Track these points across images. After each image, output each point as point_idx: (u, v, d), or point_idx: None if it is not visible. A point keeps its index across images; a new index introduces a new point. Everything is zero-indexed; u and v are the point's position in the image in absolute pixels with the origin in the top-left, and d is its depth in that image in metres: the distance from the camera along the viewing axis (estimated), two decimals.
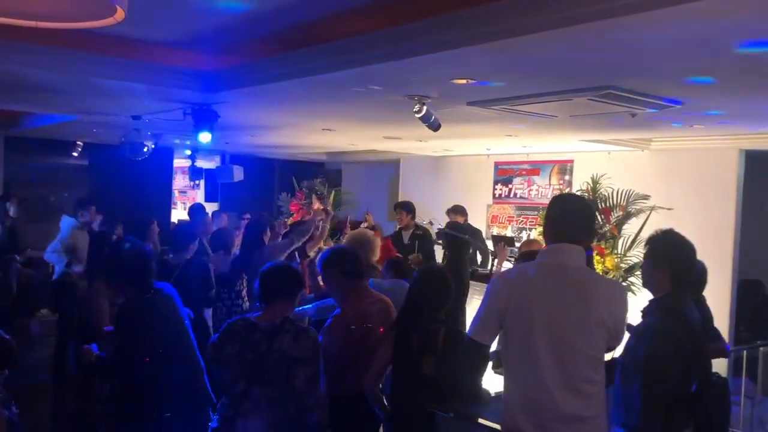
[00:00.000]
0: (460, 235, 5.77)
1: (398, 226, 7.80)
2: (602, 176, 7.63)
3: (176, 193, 13.84)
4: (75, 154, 11.01)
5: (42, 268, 9.16)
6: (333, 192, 11.34)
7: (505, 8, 3.32)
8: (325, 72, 4.38)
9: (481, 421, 3.19)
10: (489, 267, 7.75)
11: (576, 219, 2.75)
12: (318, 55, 4.33)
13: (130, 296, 3.75)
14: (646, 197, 7.34)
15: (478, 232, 8.39)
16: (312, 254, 5.89)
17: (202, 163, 12.46)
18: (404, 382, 3.48)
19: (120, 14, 3.00)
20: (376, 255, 4.85)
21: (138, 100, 5.99)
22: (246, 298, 5.60)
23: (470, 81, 4.50)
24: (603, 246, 7.15)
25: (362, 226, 7.99)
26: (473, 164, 10.33)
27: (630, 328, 2.95)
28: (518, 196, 9.82)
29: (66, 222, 6.92)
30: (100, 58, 4.81)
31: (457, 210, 8.20)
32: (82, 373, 4.57)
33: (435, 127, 5.48)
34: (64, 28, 3.31)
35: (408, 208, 7.75)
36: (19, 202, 9.25)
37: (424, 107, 5.22)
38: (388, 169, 11.76)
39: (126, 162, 8.13)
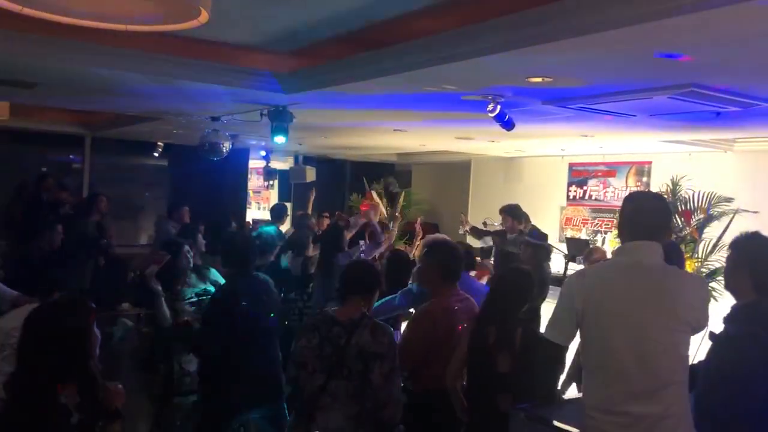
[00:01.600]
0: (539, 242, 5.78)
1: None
2: (682, 178, 7.38)
3: (251, 193, 14.15)
4: (156, 154, 11.41)
5: (123, 263, 9.58)
6: (403, 193, 11.36)
7: (581, 4, 3.26)
8: (400, 72, 4.40)
9: (555, 423, 3.15)
10: None
11: (651, 216, 2.68)
12: (393, 55, 4.36)
13: (230, 278, 4.04)
14: (729, 200, 7.06)
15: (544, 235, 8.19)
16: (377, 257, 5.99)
17: (276, 164, 12.70)
18: (479, 379, 3.49)
19: (204, 16, 3.09)
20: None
21: (218, 101, 6.17)
22: None
23: (546, 79, 4.44)
24: (684, 250, 6.91)
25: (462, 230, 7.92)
26: (546, 165, 10.16)
27: (712, 336, 2.85)
28: (593, 198, 9.60)
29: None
30: (182, 61, 4.97)
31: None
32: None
33: (509, 126, 5.43)
34: (152, 31, 3.46)
35: (512, 212, 7.16)
36: (107, 200, 9.67)
37: (498, 106, 5.18)
38: (458, 170, 11.70)
39: (204, 162, 8.39)
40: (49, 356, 2.38)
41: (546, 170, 10.18)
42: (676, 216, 7.10)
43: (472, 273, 5.10)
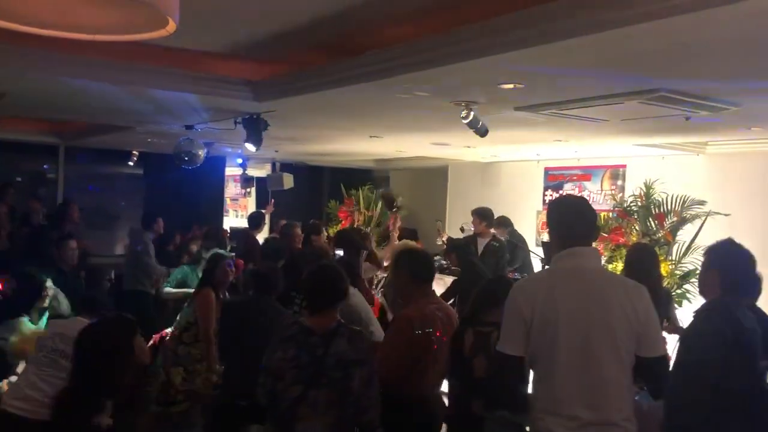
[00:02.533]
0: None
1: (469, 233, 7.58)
2: (656, 181, 7.45)
3: (228, 201, 14.05)
4: (131, 163, 11.30)
5: (100, 273, 9.47)
6: (380, 200, 11.36)
7: (553, 10, 3.28)
8: (371, 79, 4.40)
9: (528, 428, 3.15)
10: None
11: (582, 219, 2.73)
12: (364, 62, 4.36)
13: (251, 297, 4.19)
14: (701, 203, 7.14)
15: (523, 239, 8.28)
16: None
17: (254, 171, 12.63)
18: (458, 384, 3.52)
19: (171, 26, 3.06)
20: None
21: (190, 110, 6.13)
22: None
23: (518, 86, 4.46)
24: (659, 252, 6.98)
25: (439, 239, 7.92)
26: (522, 170, 10.22)
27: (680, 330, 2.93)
28: None
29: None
30: (151, 69, 4.93)
31: (505, 222, 8.04)
32: None
33: (482, 132, 5.45)
34: (118, 40, 3.42)
35: (482, 214, 7.31)
36: (78, 209, 9.55)
37: (472, 113, 5.19)
38: (436, 175, 11.72)
39: (180, 171, 8.32)
40: (101, 374, 2.37)
41: (522, 175, 10.23)
42: (650, 219, 7.16)
43: None
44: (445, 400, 3.84)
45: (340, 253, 5.38)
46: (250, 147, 6.29)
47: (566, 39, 3.32)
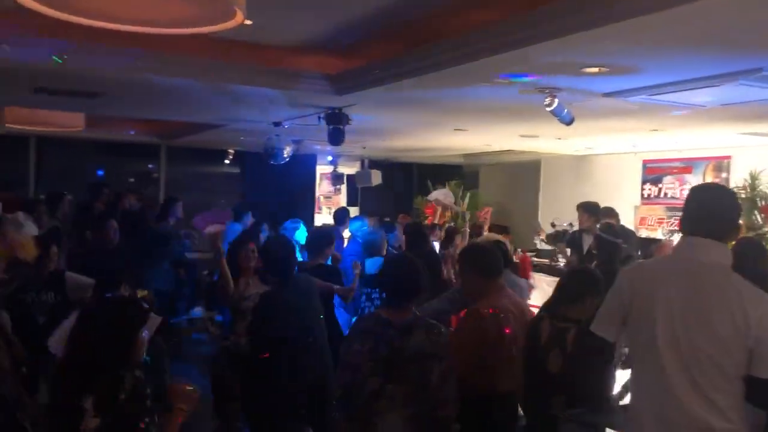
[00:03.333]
0: (613, 238, 5.54)
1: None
2: (762, 171, 6.91)
3: (322, 198, 14.29)
4: (227, 161, 11.70)
5: (195, 269, 9.83)
6: (468, 194, 11.18)
7: None
8: (447, 66, 4.28)
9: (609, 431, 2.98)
10: None
11: (709, 209, 2.47)
12: (438, 49, 4.25)
13: (272, 286, 4.01)
14: None
15: (631, 233, 7.86)
16: None
17: (344, 169, 12.78)
18: (532, 380, 3.39)
19: (239, 17, 3.10)
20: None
21: (274, 105, 6.22)
22: None
23: (602, 69, 4.22)
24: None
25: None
26: (619, 163, 9.77)
27: None
28: (669, 196, 9.15)
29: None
30: (233, 66, 5.03)
31: (610, 212, 7.73)
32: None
33: (568, 121, 5.22)
34: (191, 33, 3.49)
35: (590, 209, 7.04)
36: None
37: (556, 100, 4.98)
38: (528, 170, 11.43)
39: (274, 169, 8.53)
40: (94, 349, 2.41)
41: (618, 168, 9.79)
42: (756, 212, 6.65)
43: None
44: None
45: None
46: (337, 140, 6.33)
47: (653, 13, 3.08)
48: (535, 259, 7.86)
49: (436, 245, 7.33)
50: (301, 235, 7.19)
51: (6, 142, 10.16)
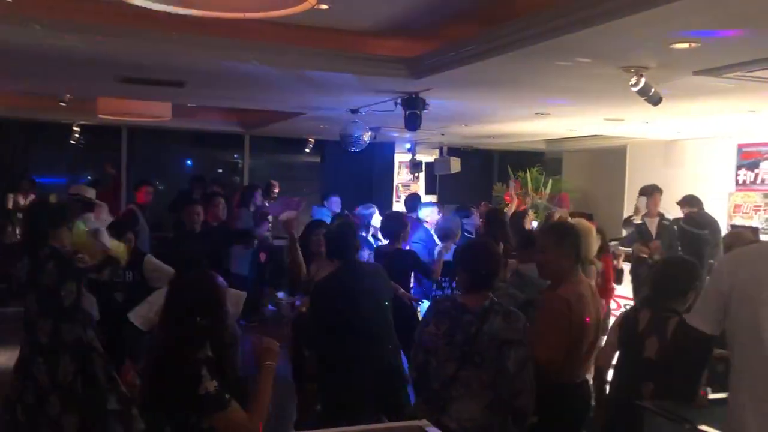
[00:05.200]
0: (697, 230, 5.28)
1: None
2: None
3: (400, 186, 14.29)
4: (307, 150, 11.87)
5: (280, 254, 10.04)
6: (550, 181, 10.89)
7: None
8: (527, 45, 4.14)
9: (701, 427, 2.80)
10: None
11: None
12: (518, 27, 4.11)
13: (336, 269, 4.02)
14: None
15: (713, 221, 7.48)
16: None
17: (423, 157, 12.71)
18: (626, 367, 3.34)
19: (311, 1, 3.11)
20: (592, 250, 4.48)
21: (351, 91, 6.22)
22: None
23: (693, 44, 3.97)
24: None
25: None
26: (711, 148, 9.28)
27: None
28: (766, 182, 8.62)
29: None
30: (312, 51, 5.05)
31: (692, 201, 7.40)
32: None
33: (655, 101, 4.96)
34: (263, 18, 3.53)
35: (645, 191, 7.23)
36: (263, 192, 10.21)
37: (642, 80, 4.73)
38: (613, 156, 11.02)
39: (353, 157, 8.59)
40: (186, 324, 2.52)
41: (711, 153, 9.29)
42: None
43: None
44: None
45: None
46: (414, 125, 6.28)
47: None
48: (621, 247, 7.58)
49: None
50: (377, 219, 7.22)
51: (100, 133, 10.64)
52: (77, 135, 10.04)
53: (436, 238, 6.31)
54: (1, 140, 10.25)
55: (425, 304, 5.55)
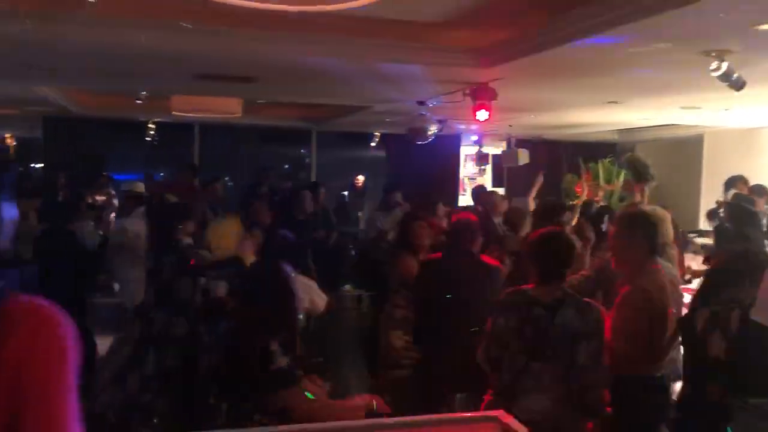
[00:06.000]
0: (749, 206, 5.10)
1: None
2: None
3: (466, 180, 14.19)
4: (373, 144, 11.92)
5: (346, 248, 10.15)
6: (623, 172, 10.57)
7: None
8: (601, 30, 4.02)
9: None
10: None
11: None
12: (588, 13, 3.99)
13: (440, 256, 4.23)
14: None
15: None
16: None
17: (489, 149, 12.58)
18: (691, 365, 3.21)
19: None
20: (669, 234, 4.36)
21: (419, 83, 6.21)
22: None
23: None
24: None
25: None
26: None
27: None
28: None
29: None
30: (381, 44, 5.05)
31: (761, 191, 7.05)
32: None
33: (738, 86, 4.75)
34: (320, 11, 3.55)
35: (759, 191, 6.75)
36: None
37: (724, 64, 4.53)
38: (689, 146, 10.63)
39: (418, 150, 8.57)
40: (258, 309, 2.68)
41: None
42: None
43: None
44: None
45: None
46: (482, 115, 6.22)
47: None
48: (698, 239, 7.31)
49: None
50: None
51: (173, 130, 10.97)
52: (152, 132, 10.38)
53: None
54: (80, 138, 10.68)
55: None
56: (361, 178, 11.06)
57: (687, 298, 3.49)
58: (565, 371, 2.93)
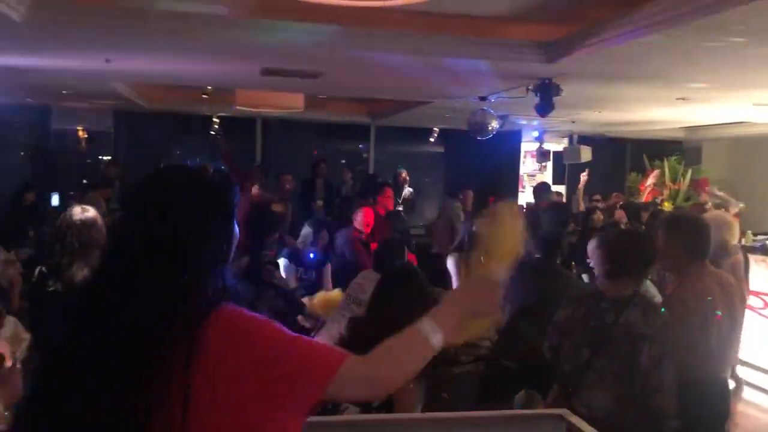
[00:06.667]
0: None
1: None
2: None
3: (525, 177, 14.05)
4: (431, 140, 11.91)
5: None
6: (690, 171, 10.29)
7: None
8: (670, 26, 3.92)
9: None
10: None
11: None
12: (661, 7, 3.89)
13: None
14: None
15: None
16: None
17: (550, 145, 12.41)
18: None
19: None
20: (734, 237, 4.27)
21: (482, 78, 6.16)
22: None
23: None
24: None
25: None
26: None
27: None
28: None
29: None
30: (445, 38, 5.04)
31: None
32: None
33: None
34: (388, 6, 3.58)
35: None
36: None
37: None
38: (761, 145, 10.25)
39: (477, 146, 8.52)
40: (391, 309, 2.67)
41: None
42: None
43: None
44: None
45: None
46: (547, 112, 6.15)
47: None
48: None
49: None
50: None
51: (236, 124, 11.20)
52: (216, 126, 10.63)
53: None
54: (150, 132, 11.00)
55: None
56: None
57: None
58: (627, 372, 2.89)
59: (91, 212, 3.42)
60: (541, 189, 8.00)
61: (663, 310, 3.10)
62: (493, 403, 3.83)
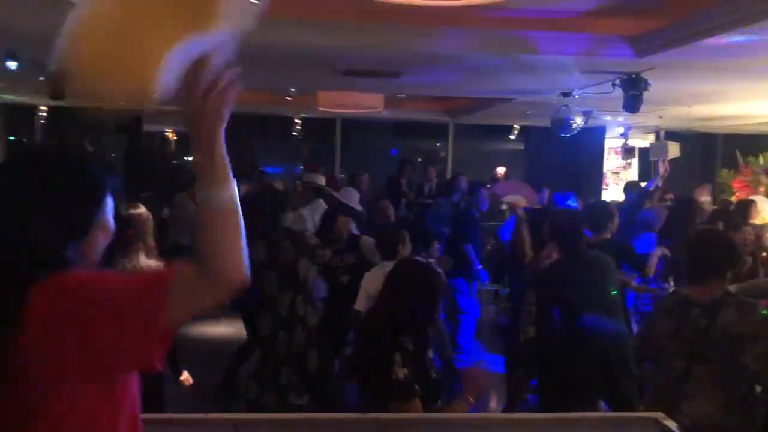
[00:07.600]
0: None
1: None
2: None
3: (609, 174, 13.69)
4: (512, 137, 11.76)
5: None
6: None
7: None
8: (765, 18, 3.73)
9: None
10: None
11: None
12: None
13: (561, 258, 4.03)
14: None
15: None
16: None
17: (635, 141, 12.03)
18: None
19: None
20: None
21: (566, 74, 6.05)
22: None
23: None
24: None
25: None
26: None
27: None
28: None
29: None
30: (529, 36, 4.99)
31: None
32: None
33: None
34: (467, 4, 3.57)
35: None
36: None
37: None
38: None
39: (559, 143, 8.37)
40: (401, 302, 2.62)
41: None
42: None
43: None
44: None
45: None
46: (634, 109, 5.99)
47: None
48: None
49: None
50: None
51: (317, 125, 11.41)
52: (298, 127, 10.86)
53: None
54: (233, 133, 11.30)
55: None
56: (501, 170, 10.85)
57: None
58: (730, 375, 2.81)
59: None
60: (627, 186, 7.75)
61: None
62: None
